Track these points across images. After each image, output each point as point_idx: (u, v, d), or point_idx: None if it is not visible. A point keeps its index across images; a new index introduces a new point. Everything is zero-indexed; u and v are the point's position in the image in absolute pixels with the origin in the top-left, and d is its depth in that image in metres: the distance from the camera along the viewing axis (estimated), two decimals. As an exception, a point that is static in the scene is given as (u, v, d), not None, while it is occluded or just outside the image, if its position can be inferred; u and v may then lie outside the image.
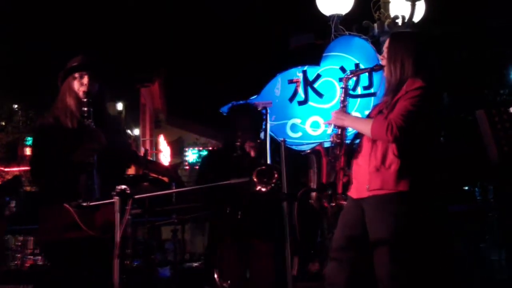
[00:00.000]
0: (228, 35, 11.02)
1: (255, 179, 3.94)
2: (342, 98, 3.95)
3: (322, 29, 7.14)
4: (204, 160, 5.05)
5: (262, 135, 4.73)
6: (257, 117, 4.83)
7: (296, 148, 6.66)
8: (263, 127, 4.75)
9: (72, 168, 3.74)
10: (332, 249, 3.77)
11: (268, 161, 4.47)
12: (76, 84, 3.93)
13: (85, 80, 3.91)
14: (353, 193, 3.74)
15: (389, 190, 3.53)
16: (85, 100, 3.85)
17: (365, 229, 3.61)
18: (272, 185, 3.89)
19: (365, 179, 3.62)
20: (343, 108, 3.91)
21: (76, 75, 3.93)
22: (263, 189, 3.89)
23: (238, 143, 4.53)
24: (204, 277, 4.57)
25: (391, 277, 3.48)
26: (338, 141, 3.86)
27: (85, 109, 3.82)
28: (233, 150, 4.56)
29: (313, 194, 3.76)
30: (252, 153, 4.58)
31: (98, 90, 3.98)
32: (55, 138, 3.84)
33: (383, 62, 3.84)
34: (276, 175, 3.96)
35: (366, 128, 3.68)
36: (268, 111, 5.21)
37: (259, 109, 5.02)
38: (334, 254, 3.73)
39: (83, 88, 3.90)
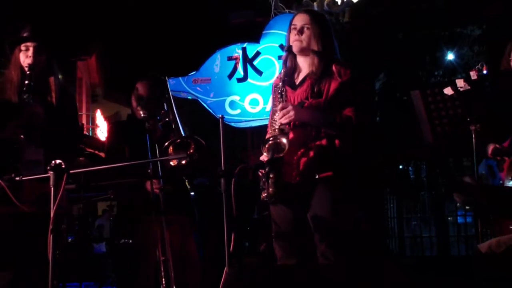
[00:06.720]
0: (167, 9, 10.89)
1: (171, 153, 3.82)
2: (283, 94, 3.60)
3: (262, 6, 7.14)
4: (113, 132, 4.81)
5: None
6: (157, 87, 4.63)
7: (235, 125, 6.68)
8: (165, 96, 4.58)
9: (2, 144, 3.63)
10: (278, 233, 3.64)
11: (181, 132, 4.35)
12: (21, 56, 3.83)
13: (30, 52, 3.81)
14: (292, 179, 3.52)
15: (340, 171, 3.46)
16: (28, 73, 3.74)
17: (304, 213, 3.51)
18: (191, 157, 3.76)
19: (310, 165, 3.47)
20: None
21: (22, 47, 3.83)
22: (183, 162, 3.79)
23: (143, 114, 4.31)
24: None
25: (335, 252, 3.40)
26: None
27: (26, 82, 3.71)
28: (139, 121, 4.35)
29: None
30: (159, 127, 4.41)
31: (46, 63, 3.87)
32: None
33: (301, 37, 3.79)
34: (192, 145, 3.85)
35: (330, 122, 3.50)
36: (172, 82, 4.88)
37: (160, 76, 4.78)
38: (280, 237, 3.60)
39: (28, 60, 3.79)
